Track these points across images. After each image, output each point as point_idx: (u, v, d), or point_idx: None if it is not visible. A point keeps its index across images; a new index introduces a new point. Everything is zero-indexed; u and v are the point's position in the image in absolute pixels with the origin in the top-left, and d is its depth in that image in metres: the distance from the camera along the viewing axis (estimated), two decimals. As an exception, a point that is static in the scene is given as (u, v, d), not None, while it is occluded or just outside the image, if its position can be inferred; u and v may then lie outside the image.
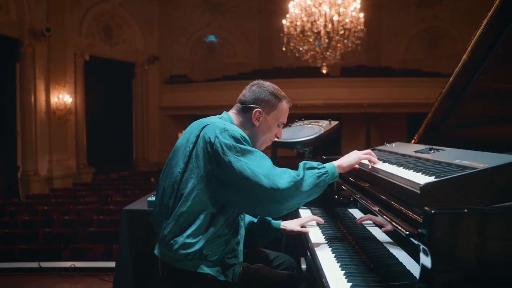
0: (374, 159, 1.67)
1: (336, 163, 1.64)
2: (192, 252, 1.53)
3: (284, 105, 1.79)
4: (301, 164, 1.57)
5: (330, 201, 2.34)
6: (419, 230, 0.94)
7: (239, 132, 1.58)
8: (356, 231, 1.80)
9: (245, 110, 1.76)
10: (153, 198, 2.50)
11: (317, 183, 1.53)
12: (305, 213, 2.24)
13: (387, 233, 1.68)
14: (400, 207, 1.17)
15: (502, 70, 1.74)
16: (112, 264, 3.86)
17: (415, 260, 1.35)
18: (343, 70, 15.15)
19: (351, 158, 1.67)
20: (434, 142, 1.93)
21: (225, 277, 1.57)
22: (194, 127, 1.69)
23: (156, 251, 1.68)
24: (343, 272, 1.32)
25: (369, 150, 1.72)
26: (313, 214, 2.21)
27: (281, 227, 1.92)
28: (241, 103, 1.78)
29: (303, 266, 2.44)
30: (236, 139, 1.54)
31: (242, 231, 1.67)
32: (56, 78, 11.48)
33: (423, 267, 0.91)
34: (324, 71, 8.74)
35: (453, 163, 1.31)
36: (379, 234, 1.72)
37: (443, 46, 16.09)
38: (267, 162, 1.52)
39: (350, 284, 1.22)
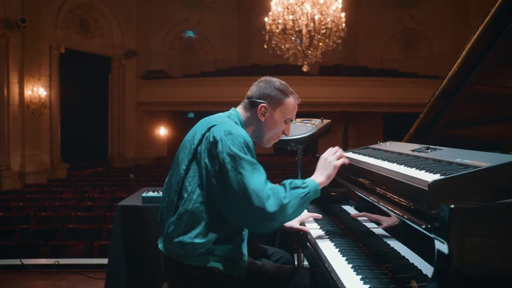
0: (347, 160, 1.72)
1: (317, 179, 1.64)
2: (199, 250, 1.57)
3: (291, 101, 1.79)
4: (287, 183, 1.58)
5: (324, 198, 2.40)
6: (436, 224, 1.00)
7: (243, 136, 1.58)
8: (354, 227, 1.86)
9: (252, 105, 1.77)
10: (148, 194, 2.51)
11: (301, 204, 1.55)
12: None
13: (385, 229, 1.75)
14: (410, 203, 1.23)
15: (493, 75, 1.83)
16: (96, 260, 3.86)
17: (416, 253, 1.43)
18: (322, 69, 15.34)
19: (329, 170, 1.67)
20: (424, 142, 2.01)
21: (232, 271, 1.60)
22: (201, 125, 1.70)
23: (160, 246, 1.69)
24: (350, 265, 1.37)
25: (337, 150, 1.74)
26: (309, 211, 2.25)
27: None
28: (248, 98, 1.79)
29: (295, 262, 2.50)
30: (239, 147, 1.54)
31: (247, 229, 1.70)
32: (30, 70, 11.17)
33: (439, 253, 0.97)
34: (305, 70, 8.83)
35: (454, 162, 1.38)
36: (376, 230, 1.79)
37: (419, 47, 16.55)
38: (261, 177, 1.52)
39: (360, 276, 1.27)
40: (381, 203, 1.37)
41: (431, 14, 15.71)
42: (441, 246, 0.96)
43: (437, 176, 1.23)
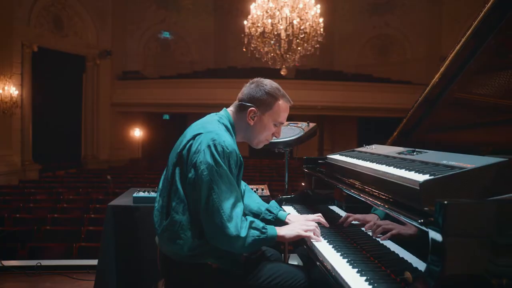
0: (316, 237, 1.70)
1: (280, 232, 1.68)
2: (196, 249, 1.62)
3: (281, 105, 1.79)
4: (248, 222, 1.62)
5: (310, 198, 2.49)
6: (430, 219, 1.09)
7: (226, 145, 1.60)
8: (343, 225, 1.94)
9: (241, 108, 1.79)
10: (139, 194, 2.53)
11: (253, 245, 1.61)
12: (288, 210, 2.36)
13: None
14: (403, 202, 1.33)
15: (472, 83, 1.97)
16: (80, 262, 3.82)
17: (403, 248, 1.53)
18: (298, 73, 15.53)
19: (293, 233, 1.70)
20: (406, 145, 2.13)
21: (230, 266, 1.66)
22: (190, 130, 1.73)
23: (157, 244, 1.74)
24: (346, 260, 1.46)
25: (315, 228, 1.74)
26: (297, 211, 2.33)
27: (286, 220, 1.93)
28: (239, 100, 1.81)
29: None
30: (219, 157, 1.58)
31: None
32: (1, 68, 10.90)
33: (433, 242, 1.08)
34: (283, 73, 8.96)
35: (440, 164, 1.48)
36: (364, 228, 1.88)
37: (393, 53, 17.01)
38: (232, 196, 1.58)
39: (356, 269, 1.36)
40: (376, 202, 1.46)
41: (405, 21, 16.22)
42: (436, 235, 1.06)
43: (427, 177, 1.33)
